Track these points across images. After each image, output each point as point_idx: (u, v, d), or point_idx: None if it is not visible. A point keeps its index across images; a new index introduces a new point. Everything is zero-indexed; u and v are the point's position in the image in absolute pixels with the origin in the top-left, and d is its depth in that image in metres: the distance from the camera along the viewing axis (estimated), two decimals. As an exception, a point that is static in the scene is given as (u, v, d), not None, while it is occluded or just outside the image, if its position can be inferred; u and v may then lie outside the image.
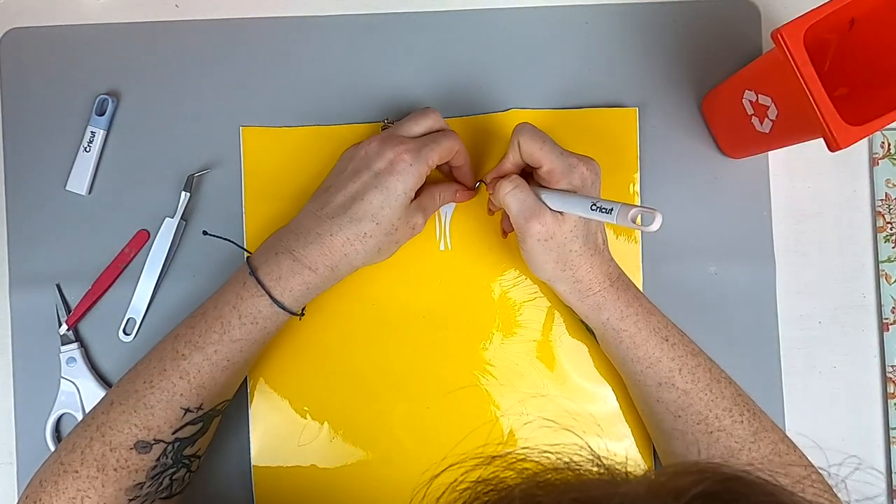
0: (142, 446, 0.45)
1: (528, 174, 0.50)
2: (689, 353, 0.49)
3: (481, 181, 0.54)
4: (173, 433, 0.46)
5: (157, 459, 0.46)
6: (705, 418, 0.47)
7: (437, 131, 0.50)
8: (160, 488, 0.47)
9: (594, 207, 0.43)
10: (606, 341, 0.51)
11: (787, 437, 0.48)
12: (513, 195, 0.46)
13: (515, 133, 0.48)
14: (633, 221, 0.41)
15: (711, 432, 0.47)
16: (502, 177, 0.49)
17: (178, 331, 0.48)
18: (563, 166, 0.46)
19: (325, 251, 0.47)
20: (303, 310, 0.50)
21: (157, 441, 0.45)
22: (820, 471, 0.47)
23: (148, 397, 0.45)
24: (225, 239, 0.54)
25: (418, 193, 0.50)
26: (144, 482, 0.45)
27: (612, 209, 0.42)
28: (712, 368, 0.49)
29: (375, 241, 0.47)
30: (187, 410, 0.46)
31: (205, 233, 0.54)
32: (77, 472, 0.44)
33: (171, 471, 0.47)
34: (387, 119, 0.55)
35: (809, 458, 0.48)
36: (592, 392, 0.55)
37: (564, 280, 0.49)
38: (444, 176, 0.55)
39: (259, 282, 0.46)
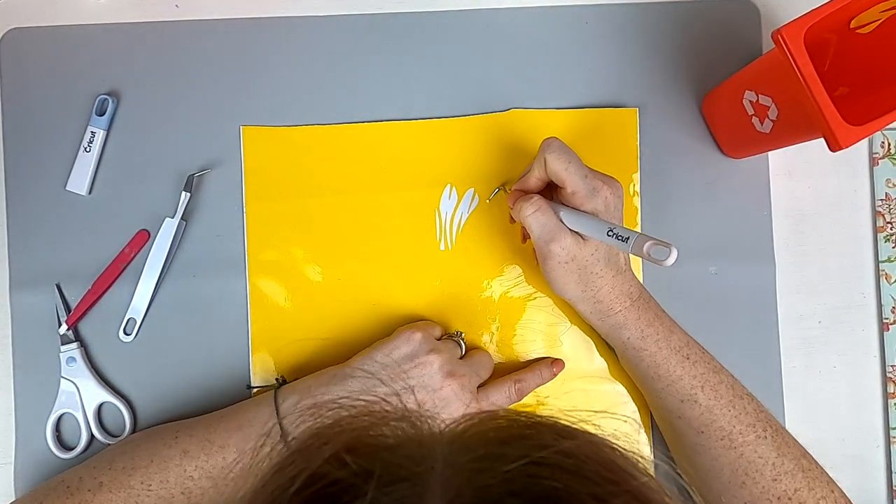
0: None
1: (551, 188, 0.50)
2: (711, 371, 0.49)
3: (500, 188, 0.55)
4: None
5: None
6: (729, 434, 0.47)
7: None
8: None
9: (611, 234, 0.44)
10: (627, 359, 0.51)
11: (807, 452, 0.48)
12: (534, 217, 0.47)
13: (543, 149, 0.48)
14: (648, 253, 0.41)
15: (735, 447, 0.47)
16: (524, 191, 0.49)
17: (187, 444, 0.47)
18: (586, 190, 0.46)
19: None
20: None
21: None
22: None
23: (142, 498, 0.45)
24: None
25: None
26: None
27: (628, 238, 0.43)
28: (734, 385, 0.49)
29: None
30: None
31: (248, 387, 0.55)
32: None
33: None
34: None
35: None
36: (595, 390, 0.55)
37: (585, 301, 0.49)
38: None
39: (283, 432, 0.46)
